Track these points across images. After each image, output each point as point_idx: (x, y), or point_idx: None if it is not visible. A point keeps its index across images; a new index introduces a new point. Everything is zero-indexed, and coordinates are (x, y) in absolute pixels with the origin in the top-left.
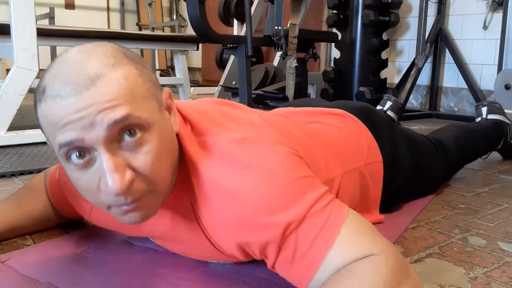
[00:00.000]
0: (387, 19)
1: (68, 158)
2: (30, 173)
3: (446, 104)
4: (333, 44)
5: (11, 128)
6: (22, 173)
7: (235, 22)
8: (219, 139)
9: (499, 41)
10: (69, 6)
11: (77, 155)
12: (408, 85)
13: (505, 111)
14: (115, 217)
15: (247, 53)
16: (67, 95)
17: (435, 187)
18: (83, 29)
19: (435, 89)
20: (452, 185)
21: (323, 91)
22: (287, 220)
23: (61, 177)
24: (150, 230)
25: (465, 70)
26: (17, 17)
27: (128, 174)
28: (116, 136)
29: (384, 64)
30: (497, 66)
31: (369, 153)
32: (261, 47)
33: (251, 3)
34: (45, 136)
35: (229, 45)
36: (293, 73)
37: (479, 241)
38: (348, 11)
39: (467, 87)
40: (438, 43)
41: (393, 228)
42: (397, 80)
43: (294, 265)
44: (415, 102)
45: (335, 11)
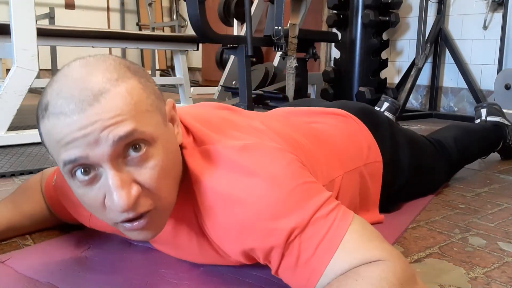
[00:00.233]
0: (387, 19)
1: (73, 175)
2: (30, 173)
3: (446, 104)
4: (333, 44)
5: (11, 128)
6: (22, 173)
7: (235, 22)
8: (220, 147)
9: (499, 41)
10: (69, 6)
11: (82, 171)
12: (408, 85)
13: (505, 111)
14: (123, 232)
15: (247, 53)
16: (71, 112)
17: (435, 188)
18: (83, 29)
19: (435, 89)
20: (452, 185)
21: (323, 91)
22: (291, 225)
23: (58, 185)
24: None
25: (465, 70)
26: (17, 17)
27: (134, 189)
28: (121, 152)
29: (384, 64)
30: (497, 66)
31: (369, 153)
32: (261, 47)
33: (251, 3)
34: (48, 152)
35: (229, 45)
36: (293, 73)
37: (479, 241)
38: (348, 11)
39: (467, 87)
40: (438, 43)
41: (393, 228)
42: (397, 80)
43: (297, 271)
44: (415, 102)
45: (335, 11)
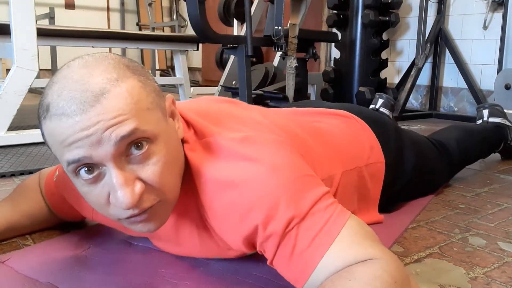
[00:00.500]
0: (387, 19)
1: (77, 174)
2: (30, 173)
3: (446, 104)
4: (333, 44)
5: (11, 128)
6: (22, 173)
7: (235, 22)
8: (221, 139)
9: (499, 41)
10: (69, 6)
11: (86, 170)
12: (408, 85)
13: (505, 111)
14: (127, 227)
15: (247, 53)
16: (73, 113)
17: (436, 188)
18: (83, 29)
19: (435, 89)
20: (452, 185)
21: (323, 91)
22: (290, 214)
23: (60, 180)
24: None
25: (465, 70)
26: (17, 17)
27: (137, 187)
28: (123, 150)
29: (384, 64)
30: (497, 66)
31: (371, 153)
32: (261, 47)
33: (251, 3)
34: (52, 151)
35: (229, 45)
36: (293, 73)
37: (479, 241)
38: (348, 11)
39: (467, 87)
40: (438, 43)
41: (393, 228)
42: (397, 80)
43: (292, 262)
44: (415, 102)
45: (335, 11)
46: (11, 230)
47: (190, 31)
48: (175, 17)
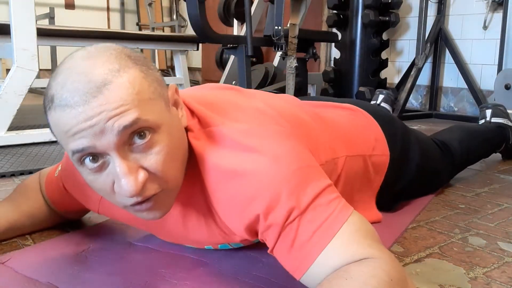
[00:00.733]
0: (387, 19)
1: (82, 162)
2: (30, 173)
3: (446, 104)
4: (333, 44)
5: (11, 128)
6: (22, 173)
7: (235, 22)
8: (225, 129)
9: (499, 41)
10: (69, 6)
11: (91, 159)
12: (408, 85)
13: None
14: (133, 214)
15: (247, 53)
16: (76, 104)
17: (437, 188)
18: (83, 29)
19: (435, 89)
20: (452, 185)
21: (323, 91)
22: (291, 205)
23: (64, 175)
24: (159, 221)
25: (465, 70)
26: (17, 17)
27: (141, 175)
28: (126, 140)
29: (384, 64)
30: (497, 66)
31: (375, 145)
32: (261, 47)
33: (251, 3)
34: (57, 140)
35: (229, 45)
36: (293, 73)
37: (479, 241)
38: (348, 11)
39: (467, 87)
40: (438, 43)
41: (393, 228)
42: (397, 80)
43: (292, 253)
44: (415, 102)
45: (335, 11)
46: (11, 230)
47: (190, 31)
48: (175, 17)
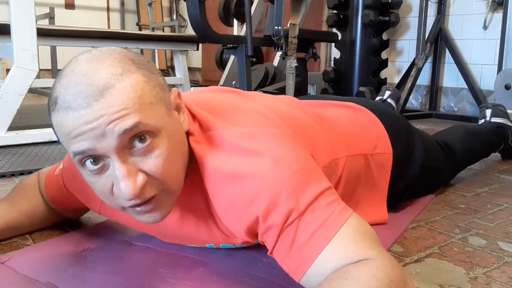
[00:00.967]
0: (387, 19)
1: (83, 164)
2: (30, 173)
3: (446, 104)
4: (333, 44)
5: (11, 128)
6: (22, 173)
7: (235, 22)
8: (225, 133)
9: (499, 41)
10: (69, 6)
11: (92, 161)
12: (408, 85)
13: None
14: (132, 216)
15: (247, 53)
16: (78, 107)
17: (437, 188)
18: (83, 29)
19: (435, 89)
20: (452, 185)
21: (323, 91)
22: (290, 207)
23: (66, 174)
24: (159, 224)
25: (465, 70)
26: (17, 17)
27: (140, 178)
28: (127, 143)
29: (384, 64)
30: (497, 66)
31: (378, 143)
32: (261, 47)
33: (251, 3)
34: (60, 141)
35: (229, 45)
36: (293, 73)
37: (479, 241)
38: (348, 11)
39: (467, 87)
40: (438, 43)
41: (393, 228)
42: (397, 80)
43: (290, 255)
44: (415, 102)
45: (335, 11)
46: (10, 229)
47: (190, 31)
48: (175, 17)
